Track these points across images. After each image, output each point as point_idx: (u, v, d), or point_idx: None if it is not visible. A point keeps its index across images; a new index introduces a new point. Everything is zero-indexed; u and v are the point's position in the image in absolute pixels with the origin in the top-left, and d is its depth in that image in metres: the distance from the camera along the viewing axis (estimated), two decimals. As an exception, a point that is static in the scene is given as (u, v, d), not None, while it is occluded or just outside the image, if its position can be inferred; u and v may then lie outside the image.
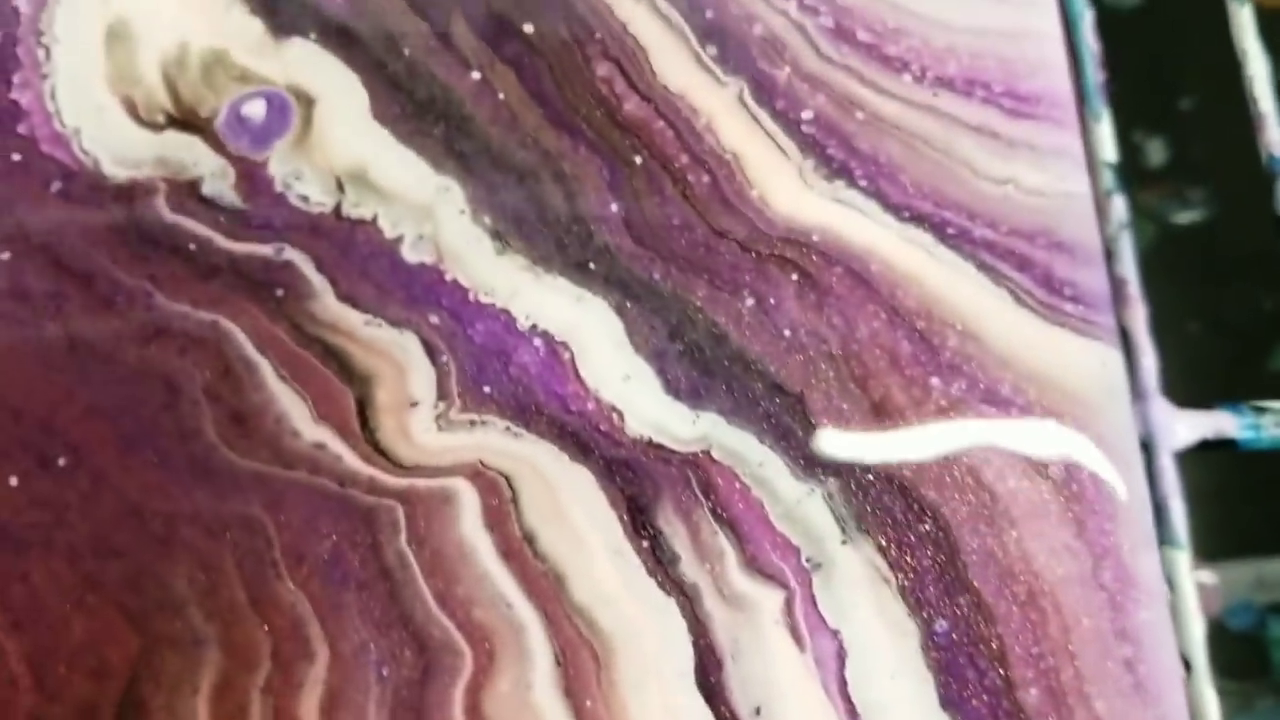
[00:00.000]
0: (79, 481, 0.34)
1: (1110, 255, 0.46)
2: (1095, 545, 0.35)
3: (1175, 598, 0.40)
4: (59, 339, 0.36)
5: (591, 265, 0.37)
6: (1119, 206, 0.49)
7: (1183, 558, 0.41)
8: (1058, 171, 0.39)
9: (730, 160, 0.39)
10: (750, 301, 0.37)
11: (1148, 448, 0.42)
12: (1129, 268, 0.46)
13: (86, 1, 0.40)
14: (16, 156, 0.38)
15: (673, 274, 0.38)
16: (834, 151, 0.39)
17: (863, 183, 0.39)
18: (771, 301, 0.37)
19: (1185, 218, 0.80)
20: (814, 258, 0.38)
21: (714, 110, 0.40)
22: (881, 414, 0.36)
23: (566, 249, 0.38)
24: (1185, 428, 0.44)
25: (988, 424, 0.36)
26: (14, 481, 0.34)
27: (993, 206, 0.39)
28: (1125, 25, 0.84)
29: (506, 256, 0.38)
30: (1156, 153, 0.82)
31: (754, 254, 0.38)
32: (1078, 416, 0.36)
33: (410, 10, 0.40)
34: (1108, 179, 0.49)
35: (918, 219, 0.38)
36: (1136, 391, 0.41)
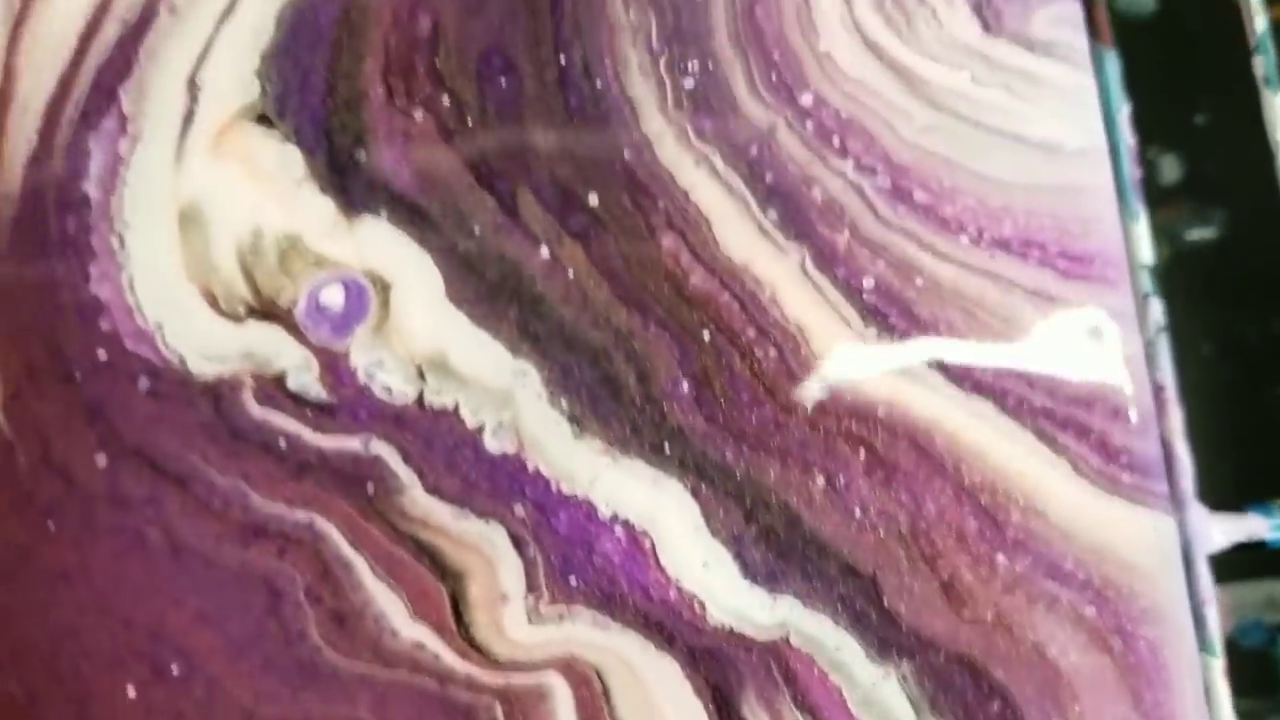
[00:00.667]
0: (194, 689, 0.37)
1: (1149, 360, 0.47)
2: (1151, 716, 0.38)
3: (1211, 705, 0.42)
4: (161, 544, 0.38)
5: (666, 447, 0.39)
6: (1156, 310, 0.50)
7: (1218, 664, 0.44)
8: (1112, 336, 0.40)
9: (795, 333, 0.40)
10: (821, 480, 0.39)
11: (1185, 554, 0.44)
12: (1167, 374, 0.48)
13: (156, 185, 0.41)
14: (103, 355, 0.39)
15: (745, 453, 0.39)
16: (896, 321, 0.40)
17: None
18: (841, 480, 0.39)
19: (1199, 236, 0.81)
20: (881, 432, 0.39)
21: (777, 280, 0.41)
22: (951, 593, 0.38)
23: (641, 431, 0.39)
24: (1220, 532, 0.46)
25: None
26: (132, 693, 0.36)
27: (1050, 374, 0.40)
28: (1140, 34, 0.84)
29: (584, 440, 0.39)
30: (1171, 169, 0.83)
31: (822, 430, 0.39)
32: (1134, 584, 0.38)
33: (478, 185, 0.41)
34: (1145, 282, 0.51)
35: (979, 389, 0.40)
36: (1175, 499, 0.43)
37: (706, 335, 0.40)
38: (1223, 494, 0.46)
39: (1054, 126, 0.42)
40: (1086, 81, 0.42)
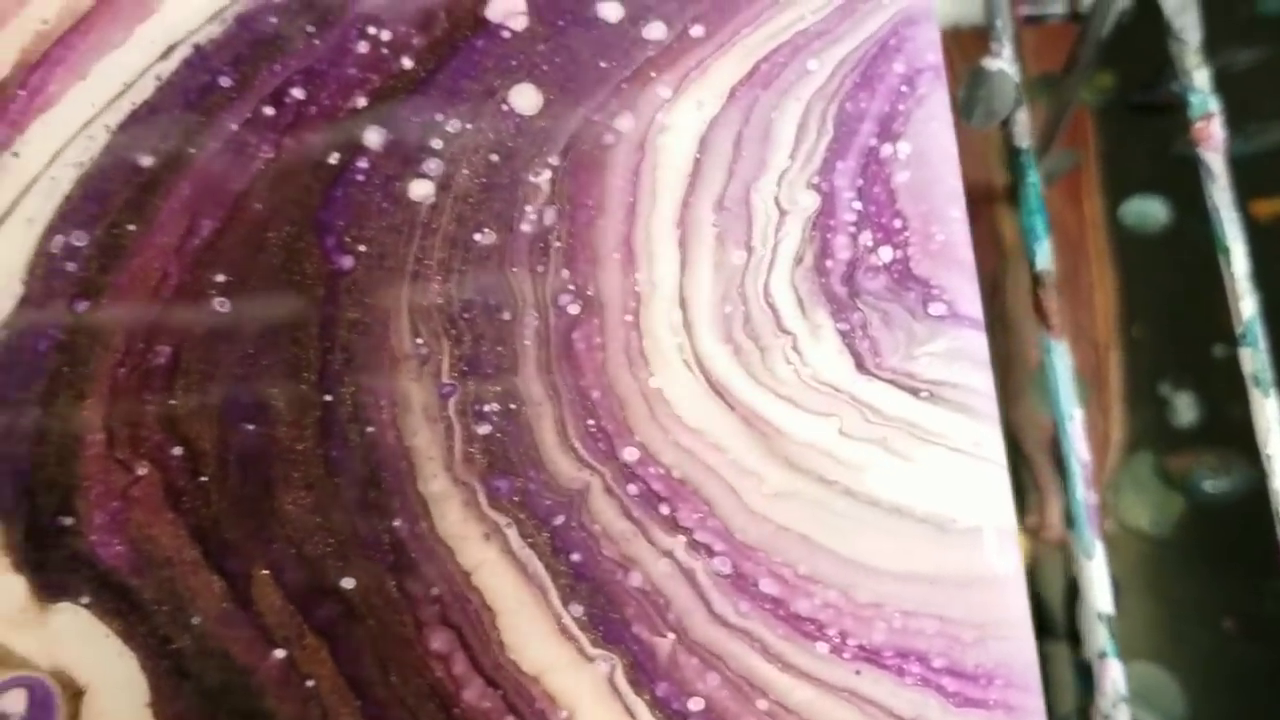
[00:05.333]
0: None
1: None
2: None
3: None
4: None
5: None
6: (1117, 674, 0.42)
7: None
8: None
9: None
10: None
11: None
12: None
13: None
14: None
15: None
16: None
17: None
18: None
19: (1219, 488, 0.73)
20: None
21: (578, 699, 0.34)
22: None
23: None
24: None
25: None
26: None
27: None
28: (1150, 251, 0.77)
29: None
30: (1186, 410, 0.75)
31: None
32: None
33: (206, 564, 0.35)
34: (1103, 637, 0.43)
35: None
36: None
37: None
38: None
39: (944, 496, 0.35)
40: (990, 434, 0.35)
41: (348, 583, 0.35)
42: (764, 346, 0.37)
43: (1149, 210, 0.71)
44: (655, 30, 0.40)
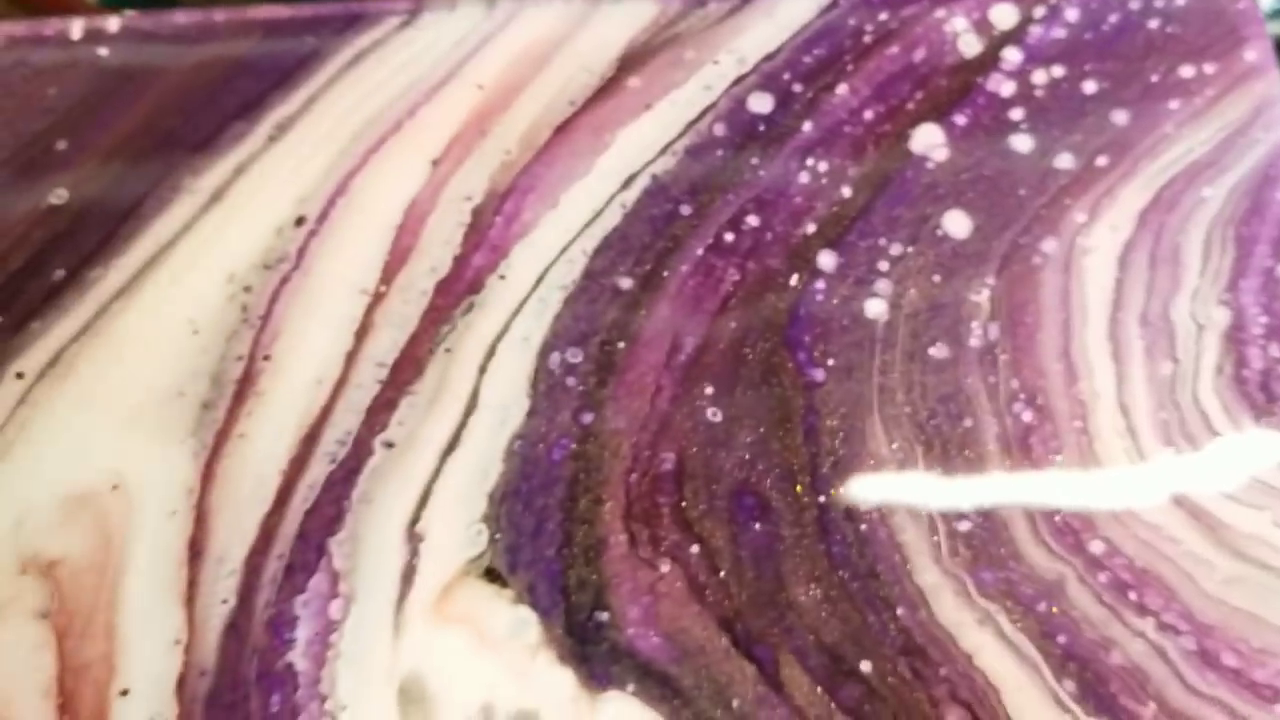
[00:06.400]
0: None
1: None
2: None
3: None
4: None
5: None
6: None
7: None
8: None
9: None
10: None
11: None
12: None
13: (373, 655, 0.40)
14: None
15: None
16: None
17: None
18: None
19: None
20: None
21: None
22: None
23: None
24: None
25: None
26: None
27: None
28: None
29: None
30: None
31: None
32: None
33: (736, 651, 0.40)
34: None
35: None
36: None
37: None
38: None
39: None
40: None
41: (865, 666, 0.41)
42: (1199, 447, 0.43)
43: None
44: (1064, 160, 0.46)
